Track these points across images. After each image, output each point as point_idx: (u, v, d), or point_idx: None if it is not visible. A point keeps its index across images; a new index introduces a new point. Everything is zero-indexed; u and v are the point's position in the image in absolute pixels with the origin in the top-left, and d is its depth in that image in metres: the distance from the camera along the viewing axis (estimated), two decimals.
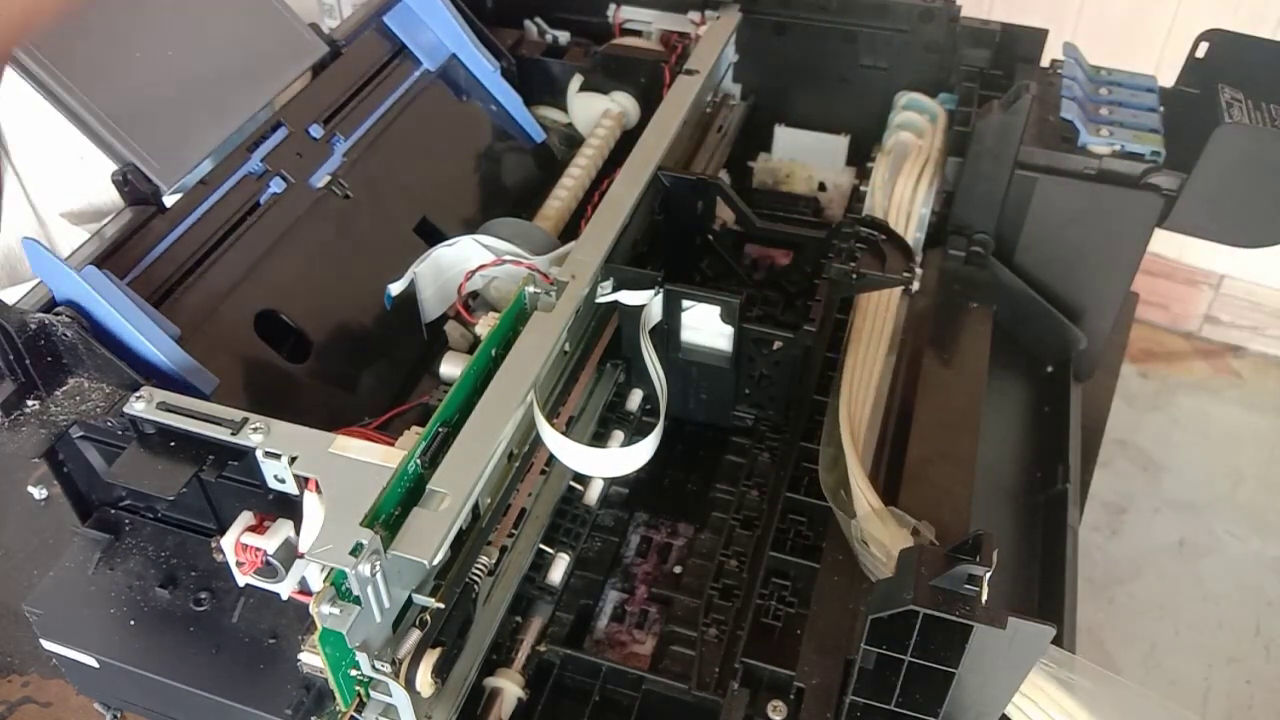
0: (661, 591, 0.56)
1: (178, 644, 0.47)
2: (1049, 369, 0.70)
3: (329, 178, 0.63)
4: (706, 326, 0.58)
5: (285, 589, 0.43)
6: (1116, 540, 1.22)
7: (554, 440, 0.49)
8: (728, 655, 0.51)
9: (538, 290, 0.52)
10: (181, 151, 0.56)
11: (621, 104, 0.78)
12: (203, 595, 0.48)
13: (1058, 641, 0.41)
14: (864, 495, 0.50)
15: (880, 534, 0.48)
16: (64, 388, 0.48)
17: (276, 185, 0.60)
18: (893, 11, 0.75)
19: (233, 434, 0.43)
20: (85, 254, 0.52)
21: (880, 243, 0.57)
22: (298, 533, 0.43)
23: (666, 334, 0.58)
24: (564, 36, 0.84)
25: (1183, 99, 0.66)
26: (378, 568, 0.38)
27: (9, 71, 0.51)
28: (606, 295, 0.55)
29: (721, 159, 0.74)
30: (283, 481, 0.43)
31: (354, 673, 0.42)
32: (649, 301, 0.56)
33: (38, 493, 0.50)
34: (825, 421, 0.57)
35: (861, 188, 0.72)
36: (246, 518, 0.44)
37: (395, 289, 0.60)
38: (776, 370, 0.59)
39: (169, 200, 0.56)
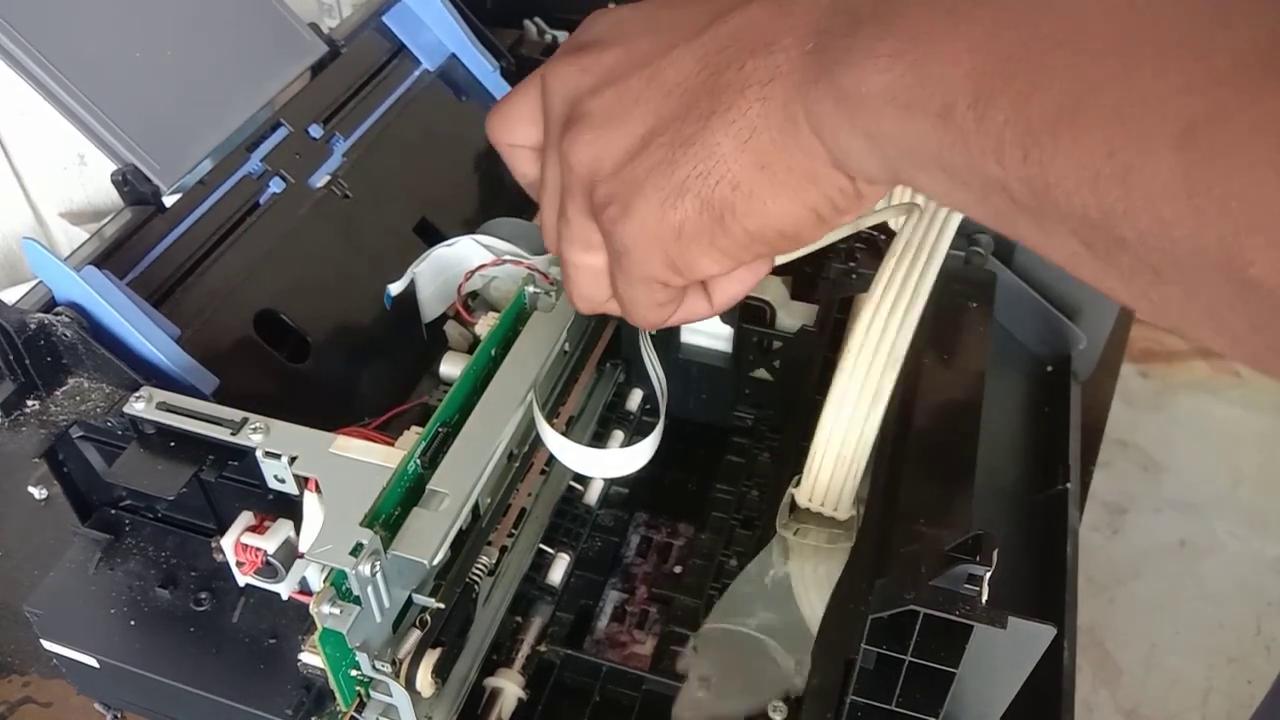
0: (662, 591, 0.56)
1: (178, 644, 0.47)
2: (1049, 369, 0.70)
3: (328, 178, 0.63)
4: (706, 327, 0.58)
5: (285, 589, 0.44)
6: (1117, 540, 1.23)
7: (554, 440, 0.49)
8: None
9: (538, 290, 0.52)
10: (181, 151, 0.56)
11: None
12: (203, 595, 0.48)
13: (1058, 641, 0.41)
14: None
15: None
16: (64, 388, 0.48)
17: (276, 185, 0.60)
18: None
19: (233, 434, 0.43)
20: (85, 254, 0.51)
21: (880, 242, 0.57)
22: (298, 533, 0.43)
23: (666, 334, 0.58)
24: (564, 36, 0.84)
25: None
26: (378, 568, 0.39)
27: (7, 71, 0.51)
28: None
29: None
30: (283, 481, 0.43)
31: (354, 673, 0.42)
32: None
33: (38, 493, 0.50)
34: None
35: None
36: (246, 518, 0.44)
37: (395, 289, 0.60)
38: (776, 370, 0.59)
39: (169, 200, 0.56)
